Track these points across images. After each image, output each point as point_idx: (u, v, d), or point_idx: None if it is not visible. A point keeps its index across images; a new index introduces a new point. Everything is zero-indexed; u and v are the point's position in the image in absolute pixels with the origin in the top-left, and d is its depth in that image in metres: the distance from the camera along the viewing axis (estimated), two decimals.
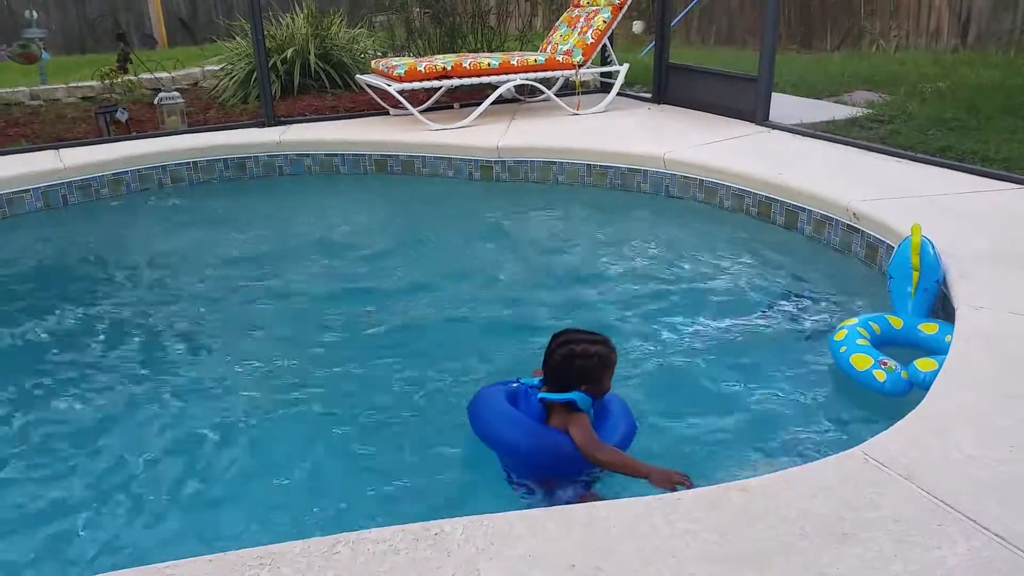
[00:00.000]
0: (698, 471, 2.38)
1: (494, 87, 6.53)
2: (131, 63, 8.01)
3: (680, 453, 2.53)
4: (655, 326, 3.47)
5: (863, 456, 2.07)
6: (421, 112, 6.49)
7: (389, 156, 5.98)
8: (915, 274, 3.12)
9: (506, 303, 3.81)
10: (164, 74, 8.48)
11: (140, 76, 8.02)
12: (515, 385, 2.54)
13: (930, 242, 3.19)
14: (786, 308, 3.64)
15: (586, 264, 4.32)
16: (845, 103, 6.97)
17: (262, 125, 6.37)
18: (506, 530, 1.81)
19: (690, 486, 2.15)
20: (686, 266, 4.20)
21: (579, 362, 2.39)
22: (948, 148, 5.26)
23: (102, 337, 3.56)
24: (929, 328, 3.02)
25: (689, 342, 3.30)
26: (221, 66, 7.96)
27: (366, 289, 4.02)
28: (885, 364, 2.77)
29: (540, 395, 2.43)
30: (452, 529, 1.81)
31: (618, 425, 2.44)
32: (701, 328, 3.43)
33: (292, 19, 8.01)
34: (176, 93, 6.64)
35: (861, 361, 2.80)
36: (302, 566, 1.71)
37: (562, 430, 2.35)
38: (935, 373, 2.57)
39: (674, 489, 2.12)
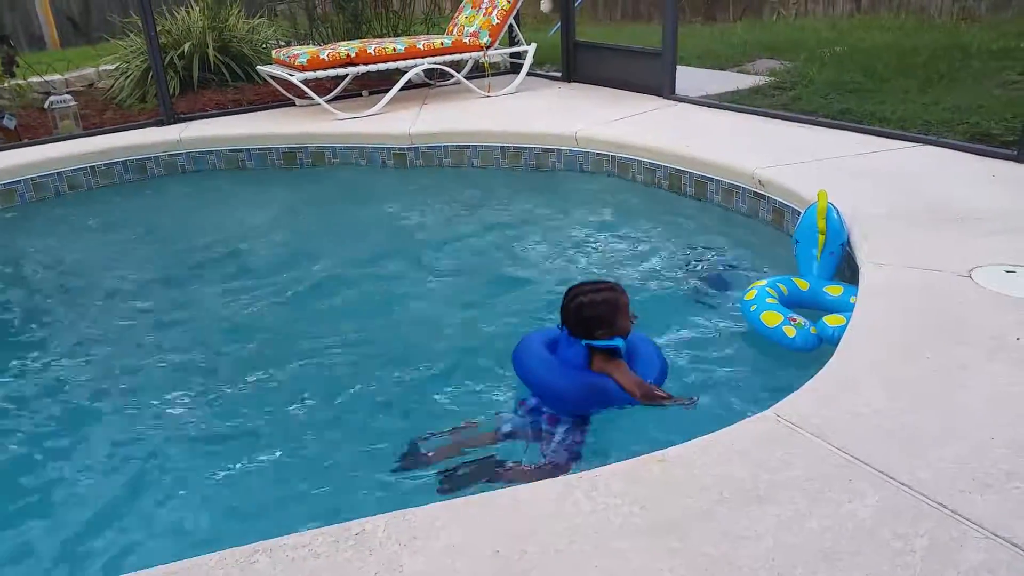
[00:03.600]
0: (616, 443, 2.42)
1: (402, 72, 6.43)
2: (17, 66, 7.58)
3: (596, 425, 2.55)
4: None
5: (775, 417, 2.11)
6: (328, 102, 6.35)
7: (297, 148, 5.84)
8: (821, 238, 3.21)
9: (429, 292, 3.77)
10: (56, 76, 8.07)
11: (29, 80, 7.61)
12: (558, 331, 2.73)
13: (834, 207, 3.28)
14: (697, 277, 3.70)
15: (505, 245, 4.30)
16: (748, 72, 7.12)
17: (161, 124, 6.12)
18: (429, 522, 1.79)
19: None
20: (600, 241, 4.23)
21: (589, 311, 2.63)
22: (847, 111, 5.43)
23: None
24: (834, 290, 3.12)
25: None
26: (116, 65, 7.62)
27: (280, 288, 3.92)
28: (794, 320, 2.85)
29: (586, 342, 2.63)
30: (373, 527, 1.78)
31: (652, 364, 2.68)
32: None
33: (188, 12, 7.70)
34: (68, 96, 6.33)
35: (771, 318, 2.87)
36: None
37: (603, 374, 2.59)
38: (843, 328, 2.65)
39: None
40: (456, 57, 6.59)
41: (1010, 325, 2.53)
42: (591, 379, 2.61)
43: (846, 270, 3.34)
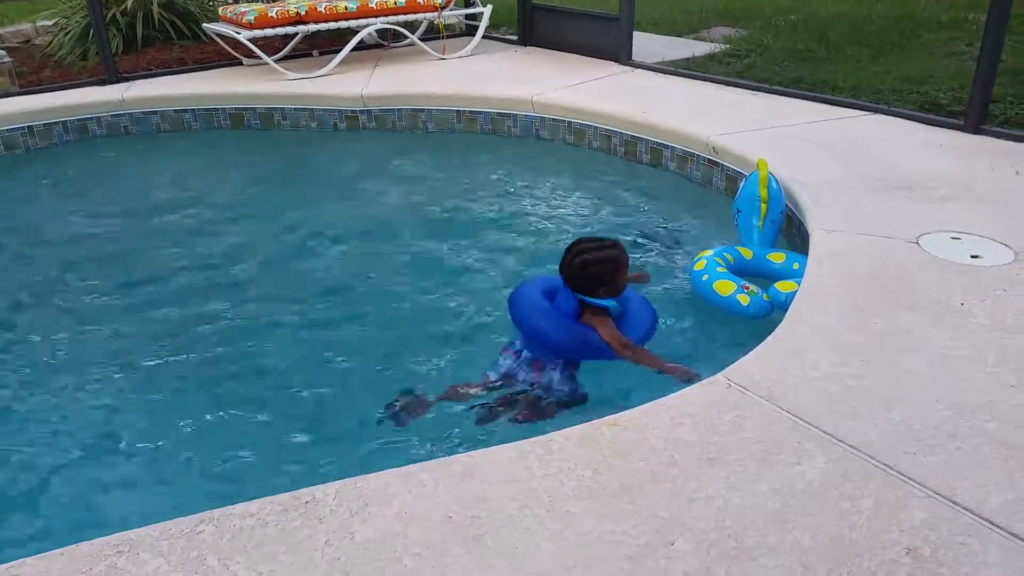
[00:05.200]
0: (570, 409, 2.41)
1: (354, 32, 6.28)
2: None
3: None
4: (525, 266, 3.46)
5: (726, 381, 2.13)
6: (277, 61, 6.18)
7: (245, 109, 5.67)
8: (763, 206, 3.22)
9: (379, 260, 3.71)
10: None
11: None
12: (559, 280, 2.76)
13: (773, 176, 3.30)
14: (650, 243, 3.71)
15: (459, 211, 4.25)
16: (704, 39, 7.10)
17: (103, 83, 5.90)
18: (381, 489, 1.77)
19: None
20: (554, 207, 4.21)
21: (593, 268, 2.65)
22: (801, 79, 5.46)
23: None
24: (777, 258, 3.14)
25: None
26: (55, 21, 7.32)
27: (230, 253, 3.82)
28: (747, 288, 2.87)
29: (580, 297, 2.67)
30: (324, 495, 1.75)
31: (642, 321, 2.74)
32: None
33: None
34: (2, 52, 6.06)
35: (724, 287, 2.88)
36: (163, 549, 1.62)
37: (590, 327, 2.65)
38: (795, 294, 2.67)
39: (689, 382, 2.39)
40: (410, 17, 6.46)
41: (955, 291, 2.58)
42: (578, 329, 2.66)
43: (796, 237, 3.38)
